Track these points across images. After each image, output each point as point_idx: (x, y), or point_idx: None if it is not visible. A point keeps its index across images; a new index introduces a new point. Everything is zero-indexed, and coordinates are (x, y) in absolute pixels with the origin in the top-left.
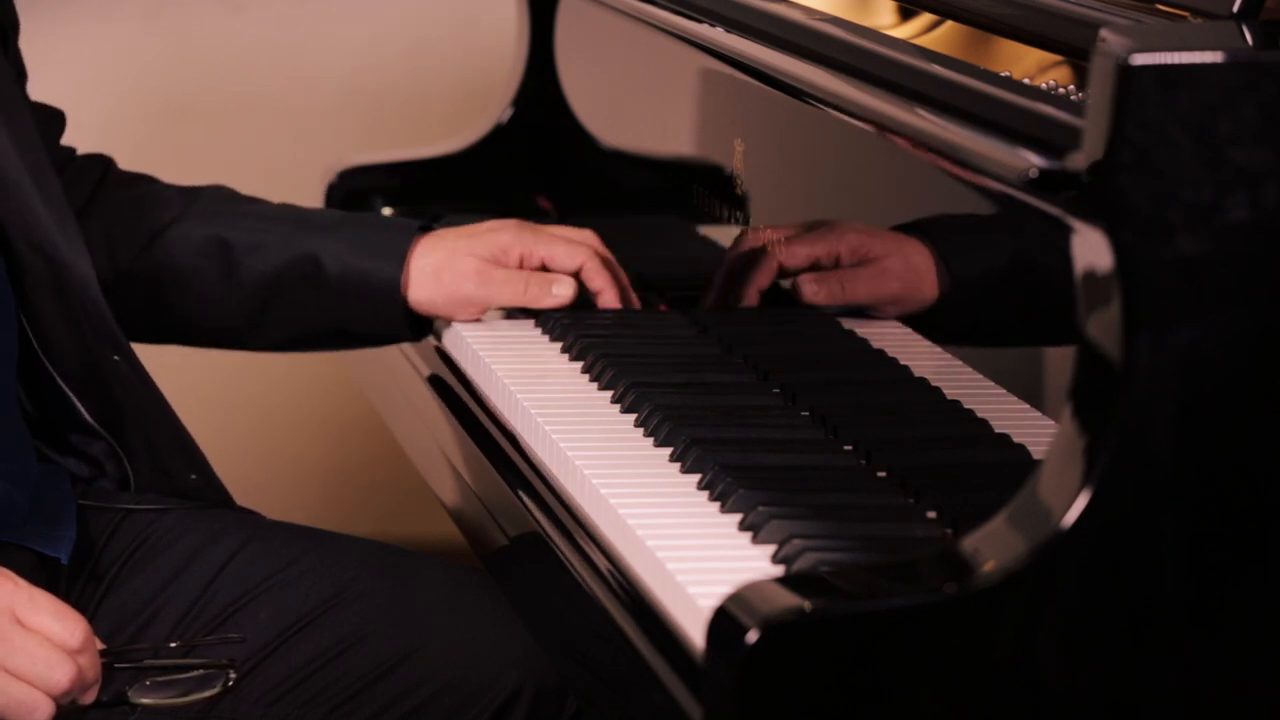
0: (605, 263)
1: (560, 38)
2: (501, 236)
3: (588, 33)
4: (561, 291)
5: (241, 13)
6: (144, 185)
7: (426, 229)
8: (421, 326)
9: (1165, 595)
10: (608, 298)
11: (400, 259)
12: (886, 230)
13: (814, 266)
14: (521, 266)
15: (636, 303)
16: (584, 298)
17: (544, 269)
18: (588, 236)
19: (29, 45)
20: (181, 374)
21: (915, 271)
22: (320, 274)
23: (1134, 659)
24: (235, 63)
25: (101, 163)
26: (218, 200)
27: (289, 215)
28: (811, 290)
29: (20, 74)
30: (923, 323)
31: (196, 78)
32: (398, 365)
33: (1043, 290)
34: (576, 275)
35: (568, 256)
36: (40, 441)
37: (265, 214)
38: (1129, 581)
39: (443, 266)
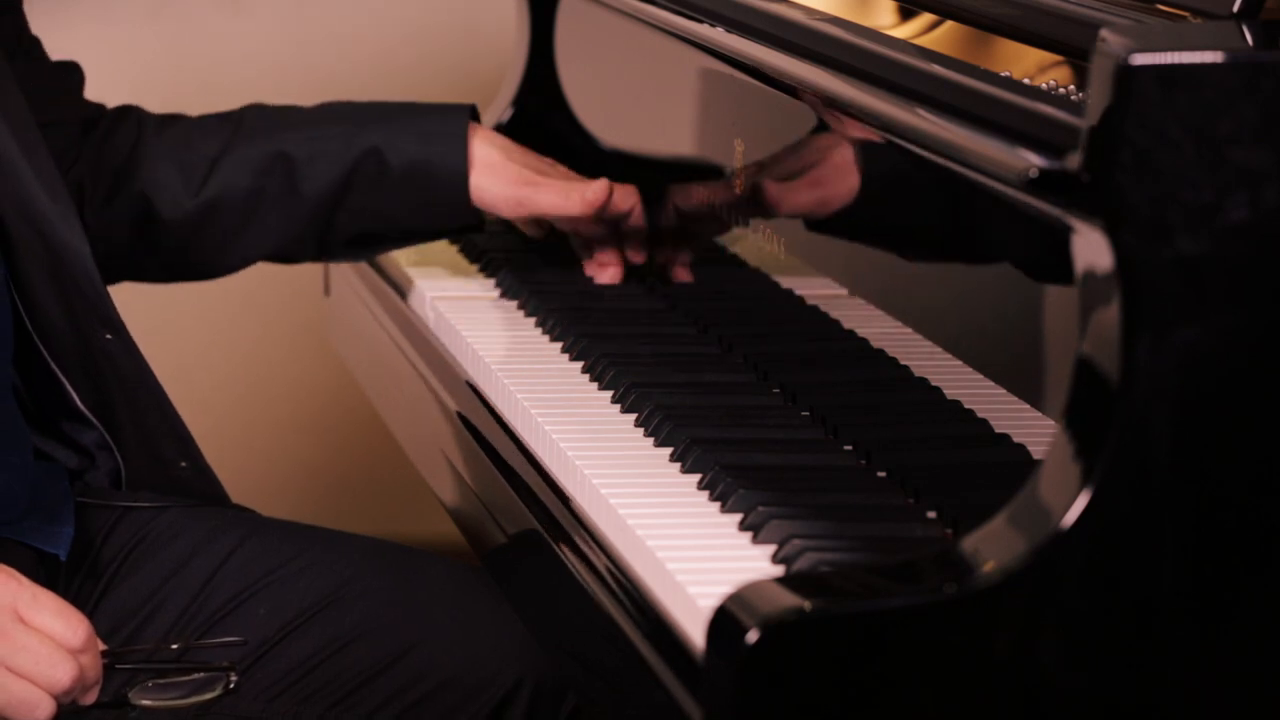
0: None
1: (560, 38)
2: (541, 164)
3: (588, 33)
4: (595, 197)
5: (241, 13)
6: (180, 123)
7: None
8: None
9: (1165, 595)
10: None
11: (462, 142)
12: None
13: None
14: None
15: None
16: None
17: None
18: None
19: None
20: (180, 373)
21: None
22: (384, 168)
23: (1134, 659)
24: (235, 63)
25: (134, 116)
26: (262, 118)
27: (341, 114)
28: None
29: (13, 53)
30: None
31: (196, 78)
32: (398, 365)
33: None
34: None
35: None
36: (33, 430)
37: (317, 119)
38: (1129, 581)
39: (501, 163)
